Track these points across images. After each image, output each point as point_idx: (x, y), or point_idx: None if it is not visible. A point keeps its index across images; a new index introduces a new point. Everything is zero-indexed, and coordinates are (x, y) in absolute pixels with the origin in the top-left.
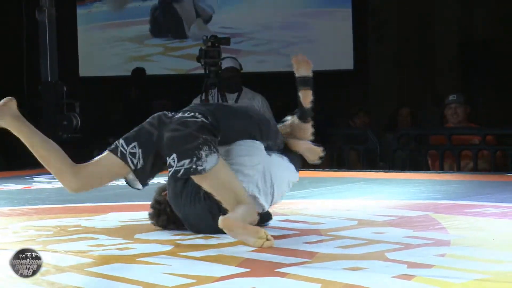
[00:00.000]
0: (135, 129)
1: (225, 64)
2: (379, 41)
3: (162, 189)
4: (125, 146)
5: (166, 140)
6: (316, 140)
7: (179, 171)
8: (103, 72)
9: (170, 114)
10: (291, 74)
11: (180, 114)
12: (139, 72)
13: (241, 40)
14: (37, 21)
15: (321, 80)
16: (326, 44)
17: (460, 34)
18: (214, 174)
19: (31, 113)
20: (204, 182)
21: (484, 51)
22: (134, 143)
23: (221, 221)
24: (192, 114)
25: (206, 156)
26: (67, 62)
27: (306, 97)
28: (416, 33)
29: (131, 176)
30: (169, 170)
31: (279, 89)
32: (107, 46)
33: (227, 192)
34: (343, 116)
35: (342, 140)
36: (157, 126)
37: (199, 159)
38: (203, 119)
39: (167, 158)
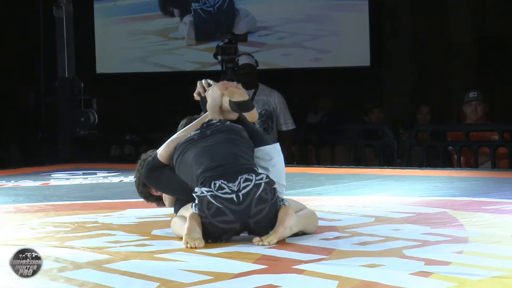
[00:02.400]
0: (210, 227)
1: (241, 61)
2: (394, 37)
3: None
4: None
5: (255, 224)
6: (333, 136)
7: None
8: (122, 69)
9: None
10: (309, 70)
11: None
12: None
13: (265, 33)
14: (54, 18)
15: (338, 76)
16: (343, 39)
17: (475, 30)
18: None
19: (48, 109)
20: None
21: (499, 47)
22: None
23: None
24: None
25: (281, 200)
26: (85, 58)
27: (252, 117)
28: (431, 29)
29: None
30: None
31: (294, 85)
32: (128, 41)
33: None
34: (359, 112)
35: (358, 136)
36: (234, 220)
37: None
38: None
39: (263, 233)
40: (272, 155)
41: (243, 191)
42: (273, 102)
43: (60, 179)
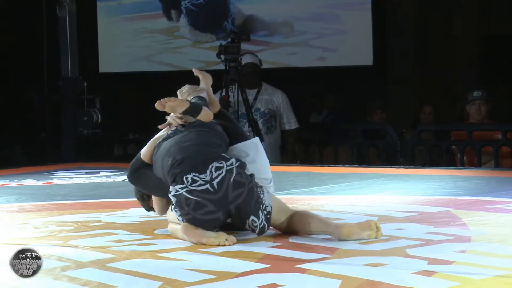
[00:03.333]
0: (194, 221)
1: (245, 60)
2: (397, 36)
3: None
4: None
5: (236, 210)
6: (336, 135)
7: (262, 227)
8: (125, 68)
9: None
10: (312, 70)
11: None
12: None
13: (270, 33)
14: (58, 17)
15: (342, 76)
16: (348, 38)
17: (480, 28)
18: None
19: (51, 108)
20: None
21: (503, 46)
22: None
23: (342, 230)
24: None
25: (264, 196)
26: (88, 57)
27: (207, 118)
28: (435, 28)
29: None
30: (252, 228)
31: (297, 85)
32: (131, 40)
33: (281, 204)
34: (362, 112)
35: (361, 135)
36: (215, 210)
37: (263, 203)
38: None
39: (246, 221)
40: (247, 151)
41: (217, 180)
42: (277, 101)
43: (63, 178)
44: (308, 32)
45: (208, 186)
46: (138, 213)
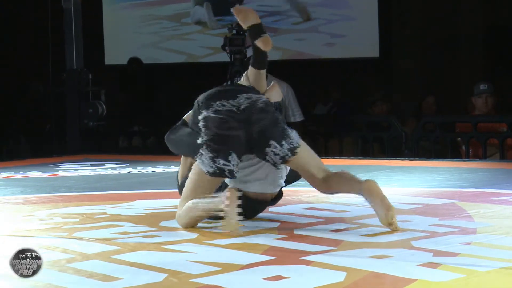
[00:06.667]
0: (216, 139)
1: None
2: (403, 28)
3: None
4: (228, 164)
5: (258, 134)
6: (341, 127)
7: (283, 154)
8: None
9: (241, 107)
10: (318, 61)
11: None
12: (135, 62)
13: (279, 19)
14: (63, 9)
15: (347, 67)
16: (356, 25)
17: (485, 20)
18: (303, 146)
19: (56, 101)
20: (298, 157)
21: (509, 37)
22: (233, 155)
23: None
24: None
25: (292, 134)
26: (93, 49)
27: (267, 43)
28: (440, 21)
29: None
30: (272, 157)
31: (303, 76)
32: (137, 28)
33: (315, 157)
34: (367, 104)
35: (366, 128)
36: (237, 126)
37: (289, 137)
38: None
39: (267, 148)
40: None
41: (244, 103)
42: (282, 94)
43: (69, 170)
44: (319, 18)
45: (234, 108)
46: (143, 205)
